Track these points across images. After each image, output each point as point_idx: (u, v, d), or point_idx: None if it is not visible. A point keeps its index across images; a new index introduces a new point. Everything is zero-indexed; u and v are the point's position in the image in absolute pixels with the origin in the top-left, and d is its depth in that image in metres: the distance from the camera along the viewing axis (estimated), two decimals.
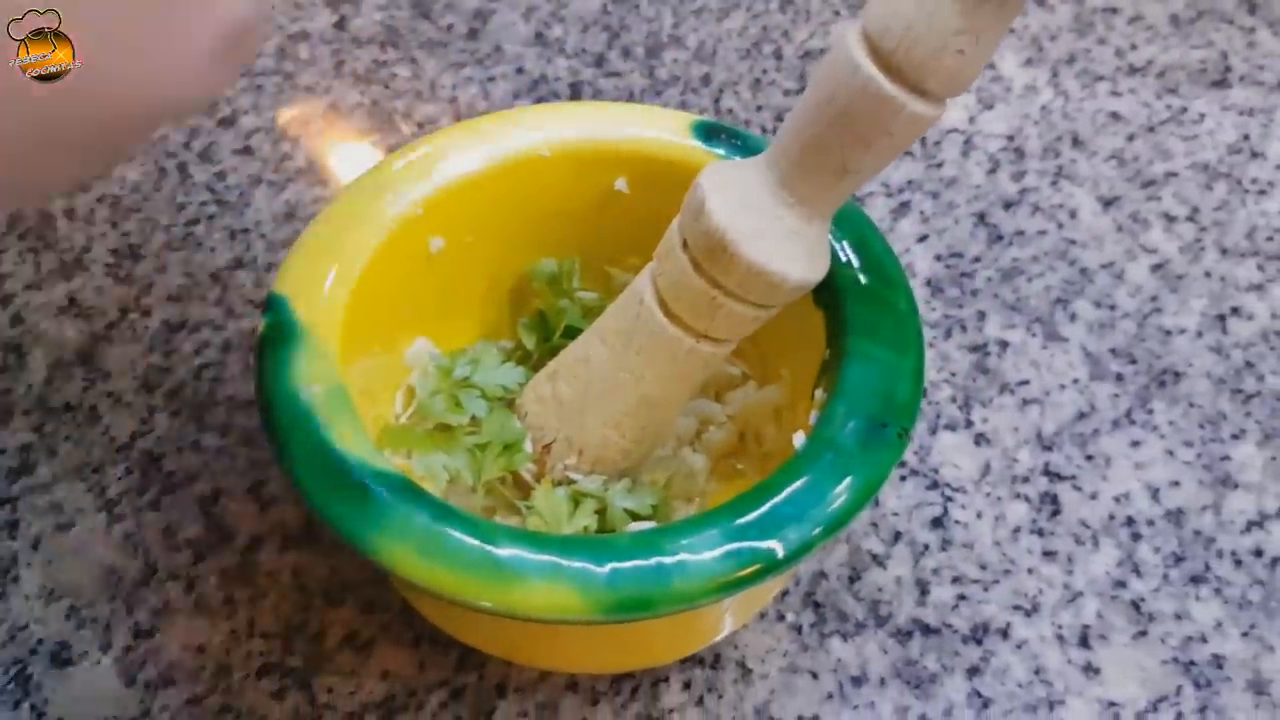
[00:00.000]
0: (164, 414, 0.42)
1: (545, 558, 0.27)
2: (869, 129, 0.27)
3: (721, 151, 0.36)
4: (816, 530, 0.28)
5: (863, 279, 0.33)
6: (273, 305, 0.32)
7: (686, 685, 0.36)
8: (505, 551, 0.27)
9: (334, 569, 0.39)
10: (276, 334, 0.31)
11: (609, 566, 0.27)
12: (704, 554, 0.27)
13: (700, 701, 0.36)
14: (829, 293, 0.33)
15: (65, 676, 0.36)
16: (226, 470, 0.41)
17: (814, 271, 0.30)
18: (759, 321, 0.32)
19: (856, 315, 0.32)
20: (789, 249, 0.30)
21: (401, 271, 0.35)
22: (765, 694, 0.36)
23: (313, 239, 0.34)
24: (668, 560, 0.27)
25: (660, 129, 0.37)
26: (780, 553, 0.28)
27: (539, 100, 0.53)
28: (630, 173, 0.37)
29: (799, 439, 0.30)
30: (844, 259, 0.33)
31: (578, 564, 0.27)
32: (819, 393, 0.32)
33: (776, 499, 0.29)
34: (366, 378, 0.34)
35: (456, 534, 0.27)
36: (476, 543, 0.27)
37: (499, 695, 0.36)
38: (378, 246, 0.34)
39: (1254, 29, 0.57)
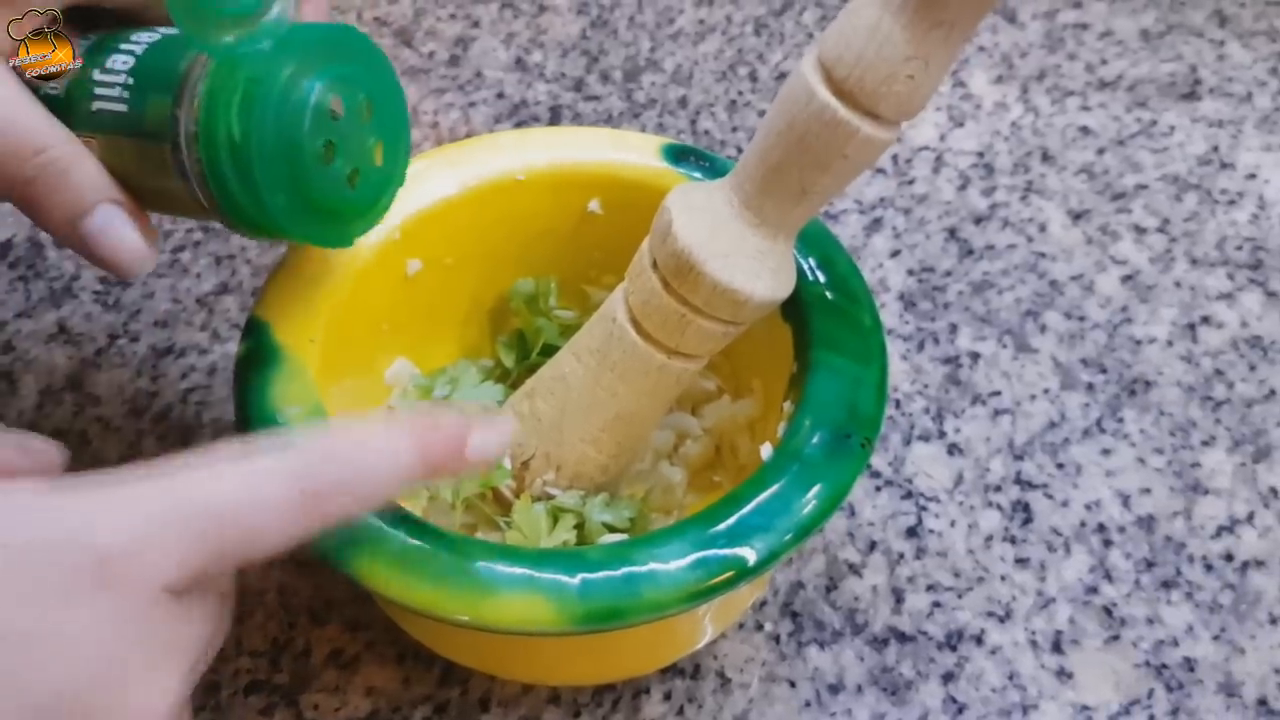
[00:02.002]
0: (152, 438, 0.43)
1: (518, 570, 0.28)
2: (825, 153, 0.28)
3: (691, 173, 0.37)
4: (786, 537, 0.29)
5: (828, 295, 0.34)
6: (252, 329, 0.33)
7: (667, 696, 0.37)
8: (478, 565, 0.27)
9: (319, 588, 0.39)
10: (255, 357, 0.32)
11: (580, 577, 0.28)
12: (673, 563, 0.28)
13: (681, 711, 0.37)
14: (796, 308, 0.34)
15: None
16: None
17: (779, 289, 0.31)
18: (728, 337, 0.33)
19: (822, 329, 0.33)
20: (754, 267, 0.31)
21: (380, 294, 0.36)
22: (744, 703, 0.37)
23: (292, 264, 0.35)
24: (638, 570, 0.28)
25: (631, 152, 0.38)
26: (751, 560, 0.29)
27: (520, 124, 0.54)
28: (603, 195, 0.38)
29: (766, 450, 0.31)
30: (810, 275, 0.34)
31: (550, 576, 0.28)
32: (787, 405, 0.33)
33: (745, 509, 0.29)
34: (347, 398, 0.35)
35: (431, 549, 0.28)
36: (450, 557, 0.28)
37: (482, 709, 0.37)
38: (356, 270, 0.35)
39: (1224, 42, 0.58)
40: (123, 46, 0.31)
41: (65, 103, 0.30)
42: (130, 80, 0.30)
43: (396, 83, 0.32)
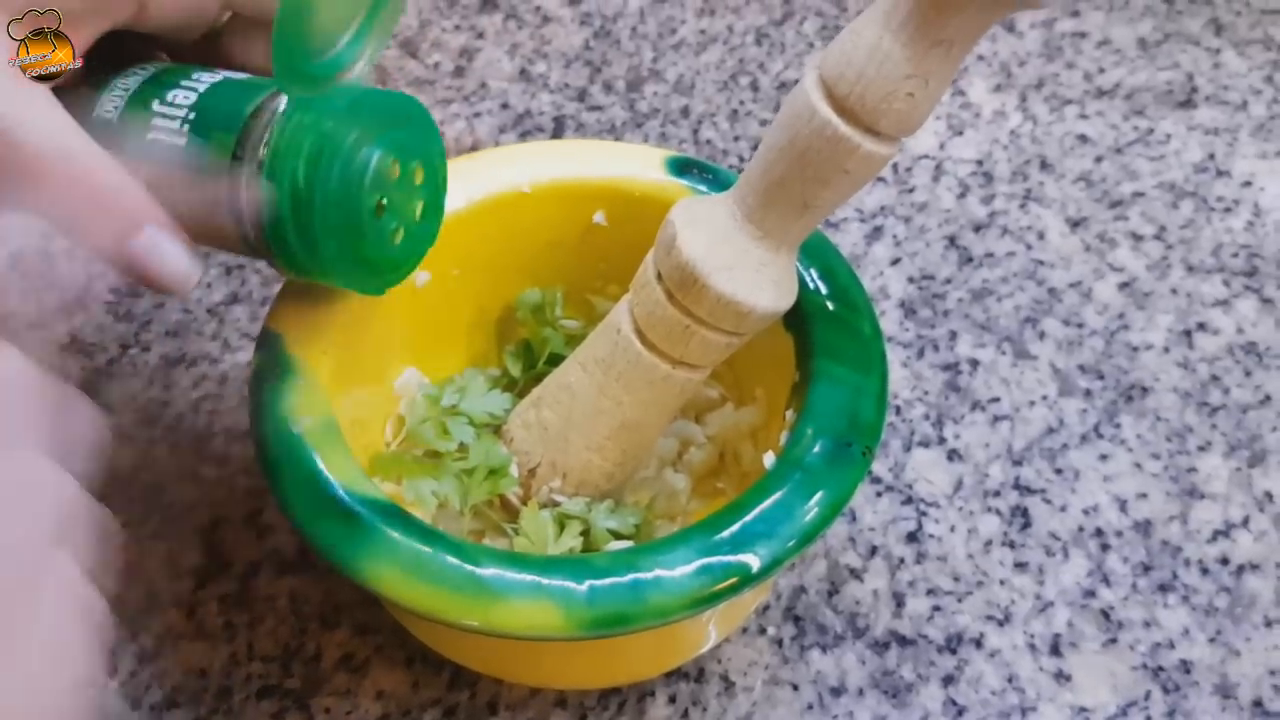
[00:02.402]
0: (164, 446, 0.44)
1: (527, 577, 0.28)
2: (827, 168, 0.29)
3: (694, 185, 0.37)
4: (789, 544, 0.30)
5: (829, 305, 0.35)
6: (265, 341, 0.33)
7: (672, 699, 0.38)
8: (488, 572, 0.28)
9: (329, 593, 0.40)
10: (269, 369, 0.33)
11: (588, 584, 0.28)
12: (678, 570, 0.29)
13: (685, 715, 0.37)
14: (798, 318, 0.34)
15: None
16: (224, 500, 0.42)
17: (781, 300, 0.32)
18: (731, 348, 0.33)
19: (823, 339, 0.34)
20: (756, 280, 0.31)
21: (389, 305, 0.36)
22: (748, 706, 0.38)
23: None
24: (644, 577, 0.28)
25: (635, 164, 0.38)
26: (754, 567, 0.29)
27: (524, 135, 0.54)
28: (608, 206, 0.38)
29: (769, 459, 0.32)
30: (812, 286, 0.35)
31: (558, 583, 0.28)
32: (789, 414, 0.33)
33: (749, 516, 0.30)
34: (358, 408, 0.36)
35: (440, 556, 0.28)
36: (460, 564, 0.28)
37: (490, 713, 0.38)
38: None
39: (1219, 50, 0.59)
40: (183, 83, 0.32)
41: (118, 128, 0.31)
42: (192, 115, 0.31)
43: (443, 151, 0.34)
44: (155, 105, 0.31)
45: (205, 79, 0.32)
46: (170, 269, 0.31)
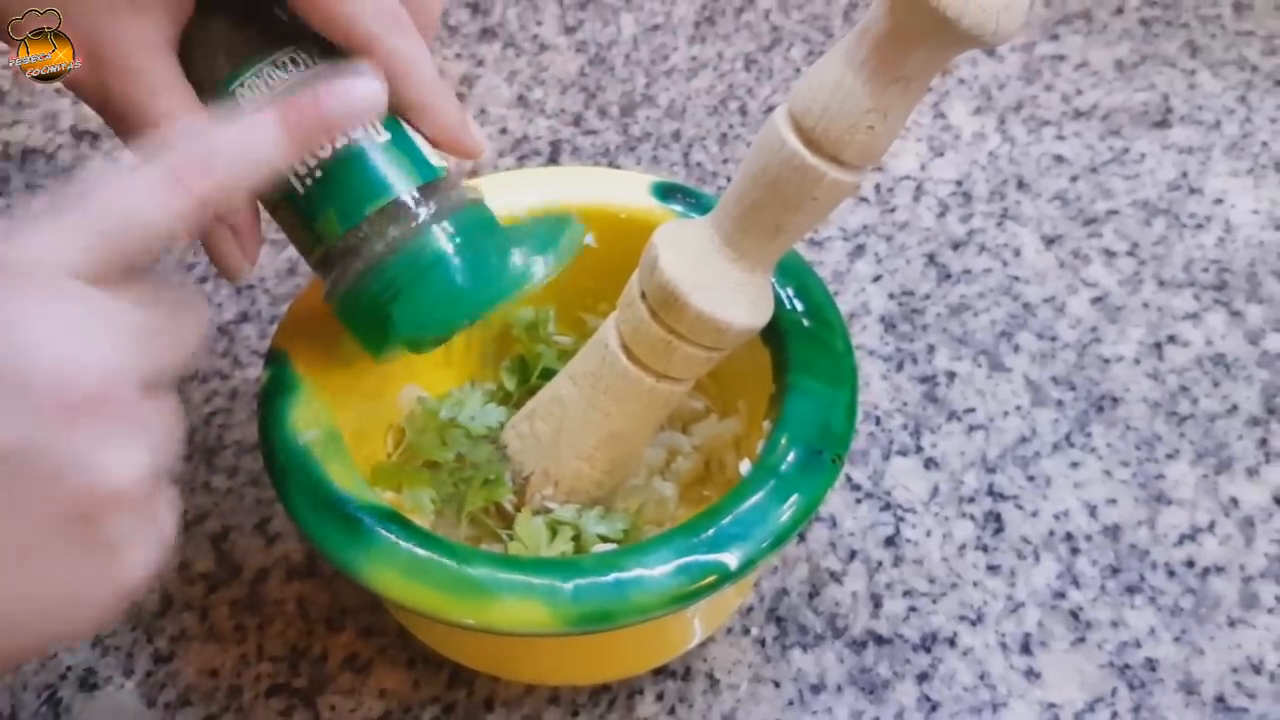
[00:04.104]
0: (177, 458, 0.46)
1: (516, 577, 0.30)
2: (796, 195, 0.31)
3: (677, 209, 0.40)
4: (764, 545, 0.32)
5: (804, 322, 0.37)
6: (273, 358, 0.35)
7: (659, 696, 0.40)
8: (480, 572, 0.30)
9: (334, 597, 0.42)
10: (277, 384, 0.35)
11: (573, 583, 0.30)
12: (658, 569, 0.31)
13: (672, 711, 0.39)
14: (774, 334, 0.36)
15: (92, 700, 0.40)
16: (235, 509, 0.44)
17: (757, 318, 0.34)
18: (711, 362, 0.35)
19: (798, 354, 0.36)
20: (734, 298, 0.33)
21: None
22: (732, 702, 0.40)
23: (309, 297, 0.37)
24: (626, 576, 0.31)
25: (623, 190, 0.40)
26: (732, 566, 0.31)
27: (522, 159, 0.57)
28: (597, 229, 0.41)
29: (745, 467, 0.34)
30: (788, 304, 0.37)
31: (545, 582, 0.30)
32: (766, 424, 0.35)
33: (726, 520, 0.32)
34: (360, 421, 0.38)
35: (436, 558, 0.30)
36: (454, 565, 0.30)
37: (487, 709, 0.39)
38: None
39: (1194, 71, 0.61)
40: None
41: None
42: (319, 173, 0.32)
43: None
44: None
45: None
46: (222, 264, 0.33)
